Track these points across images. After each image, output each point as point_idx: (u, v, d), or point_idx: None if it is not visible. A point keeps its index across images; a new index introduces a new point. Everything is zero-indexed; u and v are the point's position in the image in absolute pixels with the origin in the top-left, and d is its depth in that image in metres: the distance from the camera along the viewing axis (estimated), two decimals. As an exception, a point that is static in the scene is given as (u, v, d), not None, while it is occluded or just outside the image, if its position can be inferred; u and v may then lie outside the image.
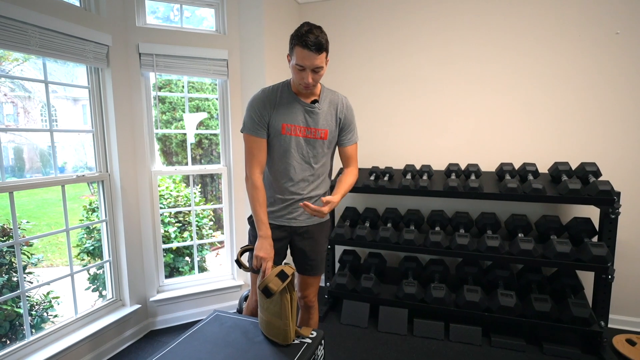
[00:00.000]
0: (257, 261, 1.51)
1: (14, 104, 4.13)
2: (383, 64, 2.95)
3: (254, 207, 1.54)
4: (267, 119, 1.52)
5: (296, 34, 1.39)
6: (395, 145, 2.99)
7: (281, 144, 1.54)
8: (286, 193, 1.60)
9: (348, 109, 1.63)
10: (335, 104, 1.60)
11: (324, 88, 1.60)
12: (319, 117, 1.56)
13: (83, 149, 3.20)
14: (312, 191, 1.63)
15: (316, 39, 1.35)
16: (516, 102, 2.65)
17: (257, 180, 1.54)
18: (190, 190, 2.89)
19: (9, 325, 2.17)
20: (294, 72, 1.46)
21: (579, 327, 2.14)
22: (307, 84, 1.44)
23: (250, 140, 1.54)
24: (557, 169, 2.36)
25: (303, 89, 1.49)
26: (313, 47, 1.35)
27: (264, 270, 1.49)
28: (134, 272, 2.40)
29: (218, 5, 2.58)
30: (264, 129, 1.53)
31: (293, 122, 1.53)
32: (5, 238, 2.26)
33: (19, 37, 1.73)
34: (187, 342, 1.52)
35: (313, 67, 1.40)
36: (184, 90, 5.06)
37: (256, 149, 1.54)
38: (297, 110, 1.54)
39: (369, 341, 2.40)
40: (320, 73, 1.44)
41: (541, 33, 2.54)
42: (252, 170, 1.54)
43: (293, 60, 1.42)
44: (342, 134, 1.64)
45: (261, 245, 1.52)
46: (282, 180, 1.59)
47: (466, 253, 2.36)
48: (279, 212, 1.63)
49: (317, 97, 1.57)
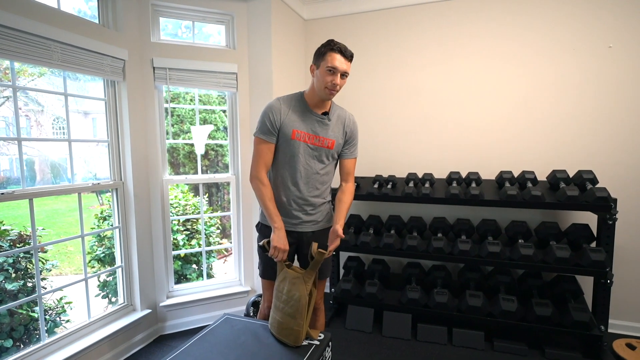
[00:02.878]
0: (275, 251, 1.59)
1: (27, 117, 4.27)
2: (386, 77, 3.06)
3: (264, 202, 1.64)
4: (279, 125, 1.63)
5: (328, 43, 1.56)
6: (398, 154, 3.08)
7: (290, 148, 1.64)
8: (291, 196, 1.68)
9: (354, 124, 1.78)
10: (343, 118, 1.74)
11: (333, 104, 1.73)
12: (328, 128, 1.68)
13: (93, 161, 3.31)
14: (315, 197, 1.72)
15: (348, 49, 1.58)
16: (515, 112, 2.74)
17: (264, 178, 1.66)
18: (200, 199, 2.97)
19: (23, 329, 2.24)
20: (322, 77, 1.56)
21: (579, 331, 2.18)
22: (334, 85, 1.56)
23: (261, 142, 1.65)
24: (555, 177, 2.43)
25: (327, 95, 1.60)
26: (346, 52, 1.56)
27: (278, 260, 1.59)
28: (145, 278, 2.47)
29: (228, 22, 2.71)
30: (274, 135, 1.64)
31: (303, 129, 1.64)
32: (22, 244, 2.34)
33: (42, 52, 1.84)
34: (198, 343, 1.58)
35: (343, 72, 1.56)
36: (191, 102, 5.20)
37: (264, 151, 1.65)
38: (308, 119, 1.65)
39: (373, 346, 2.45)
40: (344, 80, 1.60)
41: (539, 46, 2.65)
42: (258, 170, 1.65)
43: (323, 66, 1.56)
44: (346, 147, 1.76)
45: (278, 236, 1.60)
46: (288, 184, 1.68)
47: (468, 259, 2.42)
48: (285, 216, 1.70)
49: (327, 110, 1.69)
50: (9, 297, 2.21)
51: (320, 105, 1.67)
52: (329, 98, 1.62)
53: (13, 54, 1.72)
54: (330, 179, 1.78)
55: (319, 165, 1.69)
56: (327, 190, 1.78)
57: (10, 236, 2.34)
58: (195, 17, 2.62)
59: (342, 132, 1.72)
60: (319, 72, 1.58)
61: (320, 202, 1.74)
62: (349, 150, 1.77)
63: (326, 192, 1.77)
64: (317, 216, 1.75)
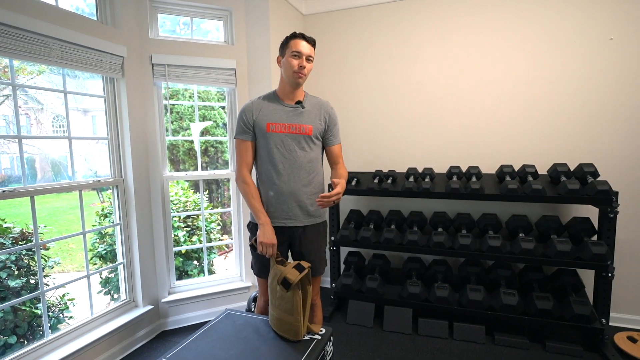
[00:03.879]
0: (263, 247, 1.61)
1: (27, 116, 4.28)
2: (385, 71, 3.05)
3: (248, 200, 1.69)
4: (252, 122, 1.69)
5: (291, 34, 1.67)
6: (398, 149, 3.07)
7: (268, 141, 1.68)
8: (278, 191, 1.69)
9: (332, 109, 1.82)
10: (320, 105, 1.78)
11: (307, 94, 1.79)
12: (303, 115, 1.72)
13: (93, 158, 3.31)
14: (304, 187, 1.70)
15: (309, 36, 1.68)
16: (515, 105, 2.73)
17: (247, 177, 1.71)
18: (200, 195, 2.97)
19: (27, 326, 2.25)
20: (289, 63, 1.63)
21: (580, 325, 2.19)
22: (301, 68, 1.62)
23: (239, 143, 1.72)
24: (556, 170, 2.42)
25: (296, 79, 1.65)
26: (308, 38, 1.66)
27: (269, 256, 1.60)
28: (147, 274, 2.48)
29: (226, 18, 2.69)
30: (250, 133, 1.70)
31: (277, 121, 1.68)
32: (24, 242, 2.35)
33: (41, 50, 1.84)
34: (201, 338, 1.59)
35: (307, 55, 1.64)
36: (190, 99, 5.19)
37: (243, 150, 1.71)
38: (280, 111, 1.70)
39: (374, 340, 2.46)
40: (310, 64, 1.67)
41: (539, 38, 2.63)
42: (240, 169, 1.71)
43: (288, 53, 1.64)
44: (329, 133, 1.79)
45: (263, 232, 1.62)
46: (274, 178, 1.69)
47: (469, 253, 2.42)
48: (275, 211, 1.70)
49: (301, 99, 1.75)
50: (12, 294, 2.22)
51: (292, 95, 1.72)
52: (299, 83, 1.67)
53: (12, 52, 1.72)
54: (317, 167, 1.76)
55: (300, 153, 1.69)
56: (315, 180, 1.75)
57: (12, 234, 2.35)
58: (193, 12, 2.61)
59: (320, 118, 1.75)
60: (285, 60, 1.66)
61: (310, 193, 1.72)
62: (332, 136, 1.80)
63: (315, 182, 1.75)
64: (309, 209, 1.73)
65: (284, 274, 1.45)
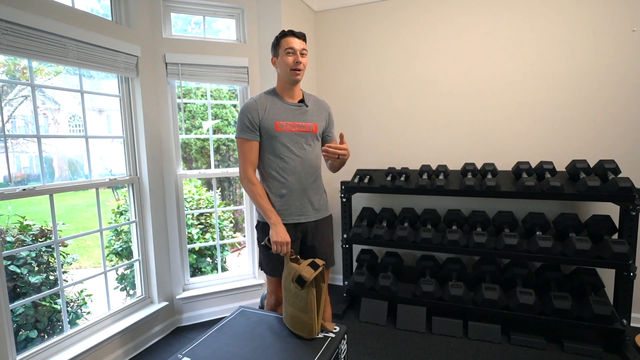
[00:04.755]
0: (277, 246, 1.60)
1: (45, 116, 4.38)
2: (398, 67, 3.02)
3: (256, 200, 1.68)
4: (258, 122, 1.67)
5: (279, 33, 1.68)
6: (411, 146, 3.04)
7: (277, 140, 1.67)
8: (290, 188, 1.69)
9: (329, 107, 1.88)
10: (319, 103, 1.82)
11: (305, 92, 1.80)
12: (307, 114, 1.74)
13: (108, 157, 3.37)
14: (312, 183, 1.74)
15: (298, 31, 1.68)
16: (532, 100, 2.67)
17: (253, 177, 1.70)
18: (214, 193, 3.00)
19: (47, 321, 2.31)
20: (284, 61, 1.65)
21: (600, 325, 2.14)
22: (297, 63, 1.63)
23: (243, 143, 1.69)
24: (574, 167, 2.36)
25: (294, 77, 1.66)
26: (298, 33, 1.67)
27: (284, 254, 1.59)
28: (162, 271, 2.52)
29: (239, 16, 2.70)
30: (256, 132, 1.68)
31: (285, 120, 1.69)
32: (44, 239, 2.41)
33: (58, 50, 1.87)
34: (216, 335, 1.60)
35: (300, 49, 1.65)
36: (202, 98, 5.23)
37: (247, 150, 1.69)
38: (286, 109, 1.71)
39: (388, 338, 2.44)
40: (305, 57, 1.67)
41: (557, 31, 2.56)
42: (246, 170, 1.70)
43: (281, 52, 1.66)
44: (328, 130, 1.85)
45: (276, 231, 1.62)
46: (284, 176, 1.69)
47: (484, 251, 2.38)
48: (288, 209, 1.71)
49: (301, 98, 1.76)
50: (33, 290, 2.28)
51: (292, 94, 1.73)
52: (296, 79, 1.67)
53: (31, 53, 1.75)
54: (320, 163, 1.82)
55: (308, 150, 1.72)
56: (320, 176, 1.82)
57: (32, 231, 2.41)
58: (206, 11, 2.62)
59: (322, 116, 1.79)
60: (280, 59, 1.67)
61: (317, 188, 1.77)
62: (332, 133, 1.87)
63: (320, 177, 1.81)
64: (317, 204, 1.77)
65: (299, 271, 1.44)
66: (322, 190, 1.83)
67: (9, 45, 1.65)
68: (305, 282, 1.43)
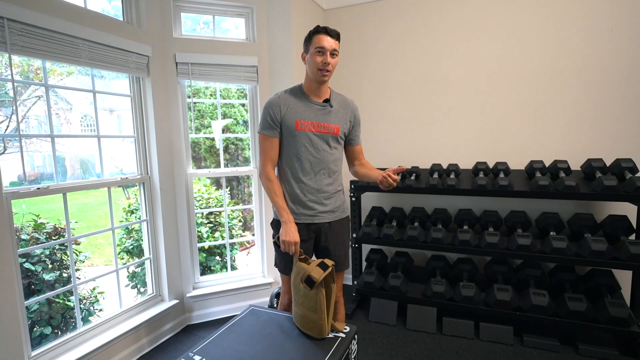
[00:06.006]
0: (285, 246, 1.59)
1: (57, 116, 4.45)
2: (407, 66, 2.99)
3: (271, 197, 1.67)
4: (280, 119, 1.65)
5: (314, 29, 1.61)
6: (421, 144, 3.01)
7: (296, 139, 1.65)
8: (304, 188, 1.68)
9: (357, 109, 1.80)
10: (347, 104, 1.75)
11: (333, 91, 1.74)
12: (331, 114, 1.69)
13: (119, 156, 3.40)
14: (328, 185, 1.70)
15: (333, 29, 1.61)
16: (546, 98, 2.62)
17: (271, 174, 1.68)
18: (223, 192, 3.01)
19: (60, 317, 2.34)
20: (313, 59, 1.59)
21: (616, 328, 2.09)
22: (326, 64, 1.57)
23: (264, 139, 1.68)
24: (590, 166, 2.31)
25: (321, 77, 1.60)
26: (332, 31, 1.60)
27: (292, 253, 1.58)
28: (172, 269, 2.54)
29: (248, 15, 2.70)
30: (277, 129, 1.66)
31: (306, 119, 1.65)
32: (57, 237, 2.45)
33: (71, 51, 1.89)
34: (226, 334, 1.60)
35: (331, 50, 1.58)
36: (211, 97, 5.26)
37: (269, 147, 1.67)
38: (309, 108, 1.66)
39: (398, 339, 2.43)
40: (336, 58, 1.61)
41: (570, 28, 2.51)
42: (265, 166, 1.68)
43: (312, 49, 1.59)
44: (353, 133, 1.78)
45: (285, 230, 1.60)
46: (300, 175, 1.67)
47: (496, 252, 2.35)
48: (302, 208, 1.69)
49: (327, 97, 1.71)
50: (47, 287, 2.31)
51: (319, 92, 1.68)
52: (323, 80, 1.62)
53: (45, 54, 1.77)
54: (340, 166, 1.77)
55: (327, 152, 1.68)
56: (339, 178, 1.78)
57: (46, 229, 2.45)
58: (216, 11, 2.62)
59: (347, 117, 1.73)
60: (309, 57, 1.62)
61: (334, 191, 1.73)
62: (356, 136, 1.80)
63: (338, 179, 1.77)
64: (332, 206, 1.73)
65: (308, 272, 1.43)
66: (340, 192, 1.79)
67: (23, 47, 1.68)
68: (314, 283, 1.42)
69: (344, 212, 1.80)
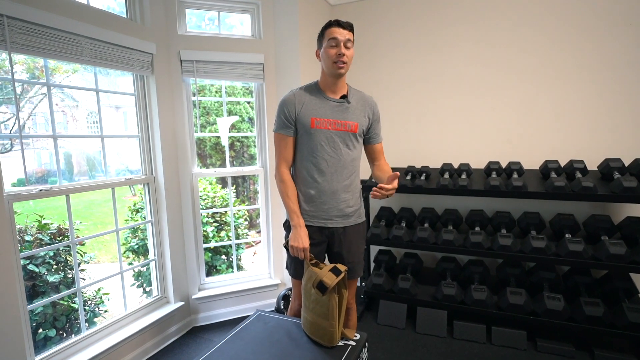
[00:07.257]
0: (294, 251, 1.54)
1: (64, 113, 4.43)
2: (417, 63, 2.91)
3: (284, 199, 1.62)
4: (294, 117, 1.58)
5: (326, 23, 1.56)
6: (432, 144, 2.93)
7: (311, 138, 1.57)
8: (320, 189, 1.60)
9: (376, 105, 1.72)
10: (365, 100, 1.68)
11: (350, 87, 1.66)
12: (348, 111, 1.61)
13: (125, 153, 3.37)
14: (345, 187, 1.63)
15: (344, 20, 1.55)
16: (561, 96, 2.53)
17: (284, 175, 1.62)
18: (229, 191, 2.96)
19: (65, 320, 2.32)
20: (327, 53, 1.53)
21: (635, 334, 2.02)
22: (340, 56, 1.50)
23: (279, 138, 1.62)
24: (608, 166, 2.23)
25: (337, 70, 1.53)
26: (344, 23, 1.53)
27: (301, 258, 1.54)
28: (177, 271, 2.50)
29: (254, 11, 2.63)
30: (291, 128, 1.60)
31: (322, 116, 1.57)
32: (61, 238, 2.42)
33: (73, 49, 1.84)
34: (232, 341, 1.56)
35: (345, 41, 1.51)
36: (216, 94, 5.21)
37: (283, 146, 1.62)
38: (325, 105, 1.59)
39: (407, 342, 2.37)
40: (351, 50, 1.55)
41: (588, 24, 2.41)
42: (279, 166, 1.63)
43: (325, 43, 1.54)
44: (372, 131, 1.70)
45: (295, 235, 1.55)
46: (315, 176, 1.60)
47: (510, 254, 2.28)
48: (316, 211, 1.63)
49: (345, 93, 1.63)
50: (51, 289, 2.29)
51: (335, 88, 1.60)
52: (340, 73, 1.54)
53: (46, 52, 1.73)
54: (358, 166, 1.69)
55: (344, 151, 1.60)
56: (356, 180, 1.69)
57: (50, 230, 2.42)
58: (221, 7, 2.56)
59: (365, 114, 1.65)
60: (323, 51, 1.56)
61: (350, 194, 1.65)
62: (375, 134, 1.73)
63: (355, 182, 1.68)
64: (348, 210, 1.65)
65: (320, 277, 1.38)
66: (357, 194, 1.70)
67: (24, 45, 1.63)
68: (326, 289, 1.37)
69: (360, 217, 1.72)
